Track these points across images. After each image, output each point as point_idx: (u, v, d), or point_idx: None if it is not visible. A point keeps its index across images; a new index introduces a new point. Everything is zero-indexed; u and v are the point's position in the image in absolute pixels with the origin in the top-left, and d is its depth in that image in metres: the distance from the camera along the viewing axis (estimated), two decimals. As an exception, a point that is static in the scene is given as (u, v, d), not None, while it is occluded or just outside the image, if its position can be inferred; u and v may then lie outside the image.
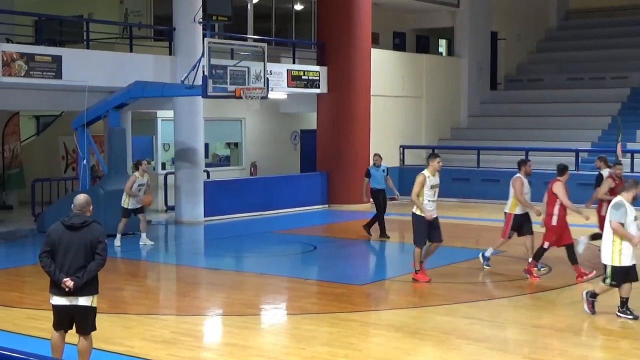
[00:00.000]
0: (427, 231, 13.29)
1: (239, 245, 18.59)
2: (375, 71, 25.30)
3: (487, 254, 14.60)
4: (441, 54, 34.79)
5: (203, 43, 17.87)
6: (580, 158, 25.60)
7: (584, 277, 13.34)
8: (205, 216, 21.17)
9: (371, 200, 19.15)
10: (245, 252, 17.79)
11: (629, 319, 10.82)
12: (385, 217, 18.65)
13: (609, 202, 13.42)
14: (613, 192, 13.92)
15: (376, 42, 28.05)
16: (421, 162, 28.18)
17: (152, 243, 17.37)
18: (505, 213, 14.46)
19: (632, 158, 24.69)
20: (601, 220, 14.17)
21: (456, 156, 28.17)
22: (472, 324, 10.76)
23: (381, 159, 18.85)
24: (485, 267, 14.47)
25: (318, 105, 24.94)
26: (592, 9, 36.15)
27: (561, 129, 28.38)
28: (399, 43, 31.76)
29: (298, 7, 27.33)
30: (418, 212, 13.24)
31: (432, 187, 13.20)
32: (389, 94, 27.16)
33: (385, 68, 26.90)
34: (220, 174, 24.70)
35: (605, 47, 33.26)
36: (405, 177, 27.43)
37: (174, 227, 20.66)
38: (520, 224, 14.29)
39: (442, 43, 35.08)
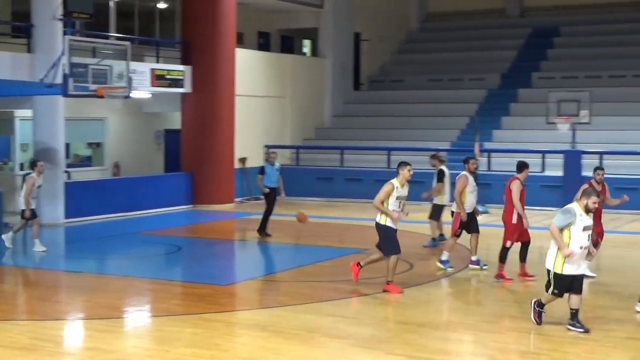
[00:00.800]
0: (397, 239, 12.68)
1: (101, 247, 18.21)
2: (240, 71, 25.30)
3: (444, 258, 14.39)
4: (305, 54, 35.07)
5: (63, 41, 17.44)
6: (440, 157, 26.22)
7: (527, 278, 13.45)
8: (66, 217, 20.68)
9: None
10: (108, 253, 17.46)
11: (579, 332, 10.20)
12: (271, 216, 18.60)
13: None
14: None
15: (241, 41, 28.03)
16: (286, 162, 28.36)
17: (45, 248, 16.73)
18: (453, 212, 14.41)
19: (489, 157, 25.54)
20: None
21: (320, 156, 28.47)
22: (336, 322, 10.91)
23: (276, 155, 18.80)
24: (448, 269, 14.25)
25: (182, 105, 24.73)
26: (451, 12, 37.19)
27: (422, 128, 29.07)
28: (263, 43, 31.83)
29: (161, 5, 27.03)
30: (383, 222, 12.59)
31: (398, 197, 12.49)
32: (253, 94, 27.19)
33: (250, 68, 26.92)
34: (82, 174, 24.16)
35: (463, 49, 34.25)
36: (270, 177, 27.57)
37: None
38: (468, 222, 14.25)
39: (307, 43, 35.38)
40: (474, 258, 14.58)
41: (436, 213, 17.39)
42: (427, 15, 38.16)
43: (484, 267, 14.38)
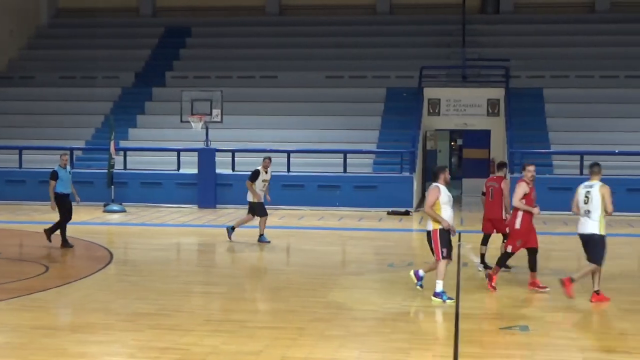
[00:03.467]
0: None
1: None
2: None
3: (439, 289, 12.00)
4: None
5: None
6: (75, 156, 25.83)
7: (536, 289, 12.66)
8: None
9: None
10: None
11: None
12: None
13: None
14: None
15: None
16: None
17: None
18: (429, 232, 12.21)
19: (125, 155, 25.55)
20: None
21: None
22: (-34, 332, 10.35)
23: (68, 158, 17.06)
24: (448, 301, 11.85)
25: None
26: (83, 9, 36.51)
27: (55, 127, 28.37)
28: None
29: None
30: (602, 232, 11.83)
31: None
32: None
33: None
34: None
35: (97, 47, 33.82)
36: None
37: None
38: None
39: None
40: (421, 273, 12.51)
41: (251, 210, 17.88)
42: (58, 11, 37.17)
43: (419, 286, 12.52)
